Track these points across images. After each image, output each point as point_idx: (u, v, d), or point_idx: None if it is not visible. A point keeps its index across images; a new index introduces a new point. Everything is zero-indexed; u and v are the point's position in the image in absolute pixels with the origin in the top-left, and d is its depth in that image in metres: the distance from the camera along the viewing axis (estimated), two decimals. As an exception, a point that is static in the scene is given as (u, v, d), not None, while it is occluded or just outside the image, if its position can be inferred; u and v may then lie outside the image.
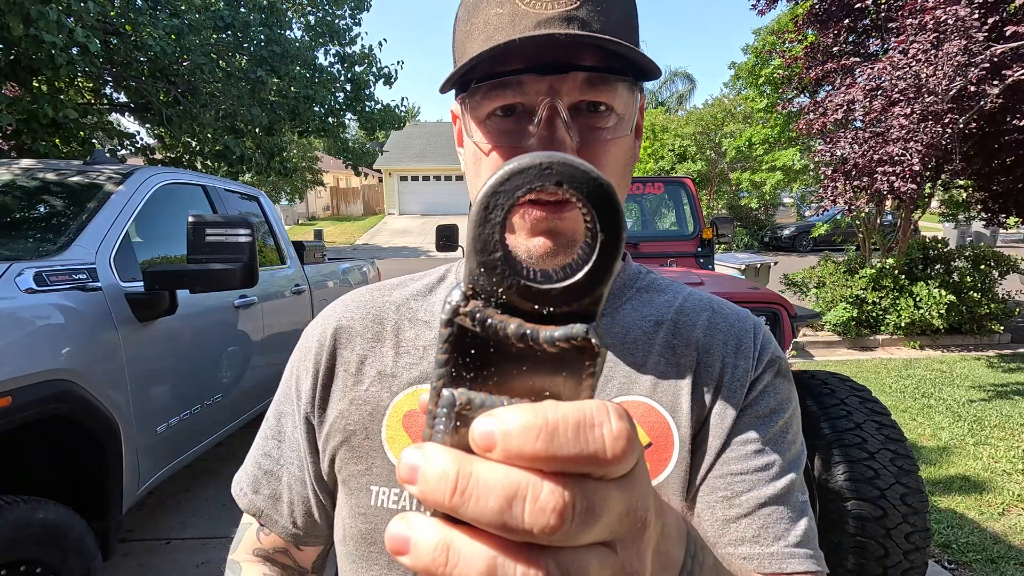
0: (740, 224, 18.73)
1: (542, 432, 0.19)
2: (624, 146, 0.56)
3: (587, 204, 0.21)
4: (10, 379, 1.56)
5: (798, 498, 0.56)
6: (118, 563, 2.49)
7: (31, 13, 4.21)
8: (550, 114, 0.51)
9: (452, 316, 0.21)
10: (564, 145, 0.51)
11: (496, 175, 0.21)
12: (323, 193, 30.55)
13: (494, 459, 0.19)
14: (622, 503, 0.21)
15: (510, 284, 0.21)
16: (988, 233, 16.05)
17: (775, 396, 0.59)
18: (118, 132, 6.57)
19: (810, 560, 0.53)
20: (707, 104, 19.27)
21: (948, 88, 4.47)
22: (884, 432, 1.98)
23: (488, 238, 0.21)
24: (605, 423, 0.20)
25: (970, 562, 2.56)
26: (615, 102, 0.53)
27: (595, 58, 0.51)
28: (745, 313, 0.64)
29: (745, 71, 11.75)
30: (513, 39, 0.48)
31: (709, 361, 0.59)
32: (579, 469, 0.19)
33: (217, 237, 2.17)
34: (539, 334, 0.21)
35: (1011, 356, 6.26)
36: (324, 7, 8.04)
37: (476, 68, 0.52)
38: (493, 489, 0.19)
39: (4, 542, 1.54)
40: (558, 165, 0.20)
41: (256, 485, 0.66)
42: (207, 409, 2.60)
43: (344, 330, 0.63)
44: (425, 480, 0.19)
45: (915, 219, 7.02)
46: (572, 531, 0.19)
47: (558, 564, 0.19)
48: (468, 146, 0.58)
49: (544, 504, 0.18)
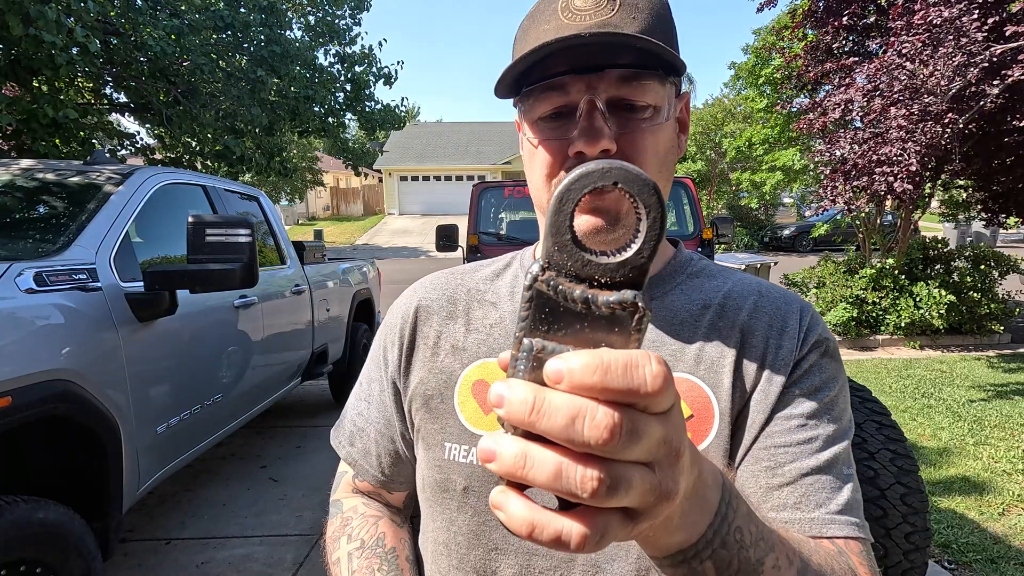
0: (740, 224, 18.74)
1: (598, 369, 0.24)
2: (662, 136, 0.62)
3: (636, 199, 0.27)
4: (10, 379, 1.56)
5: (843, 470, 0.58)
6: (118, 563, 2.49)
7: (31, 13, 4.21)
8: (589, 108, 0.58)
9: (532, 282, 0.27)
10: (602, 133, 0.58)
11: (569, 177, 0.27)
12: (323, 193, 30.55)
13: (562, 389, 0.25)
14: (660, 432, 0.26)
15: (578, 259, 0.27)
16: (988, 233, 16.06)
17: (820, 374, 0.62)
18: (118, 132, 6.58)
19: (852, 527, 0.55)
20: (707, 104, 19.27)
21: (947, 88, 4.47)
22: (884, 432, 1.98)
23: (561, 224, 0.27)
24: (647, 365, 0.25)
25: (970, 562, 2.56)
26: (647, 96, 0.60)
27: (628, 58, 0.59)
28: (793, 296, 0.68)
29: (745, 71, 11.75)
30: (545, 41, 0.56)
31: (753, 342, 0.63)
32: (626, 399, 0.25)
33: (217, 237, 2.17)
34: (598, 298, 0.27)
35: (1011, 356, 6.26)
36: (324, 7, 8.05)
37: (528, 75, 0.61)
38: (560, 410, 0.24)
39: (4, 542, 1.53)
40: (616, 170, 0.27)
41: (352, 439, 0.77)
42: (207, 409, 2.60)
43: (424, 308, 0.74)
44: (510, 404, 0.25)
45: (915, 219, 7.01)
46: (620, 446, 0.24)
47: (609, 472, 0.25)
48: (525, 144, 0.67)
49: (599, 422, 0.24)
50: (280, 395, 3.56)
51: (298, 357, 3.70)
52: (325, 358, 4.13)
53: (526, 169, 0.68)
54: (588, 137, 0.57)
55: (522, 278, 0.73)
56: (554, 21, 0.59)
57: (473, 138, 29.73)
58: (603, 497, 0.25)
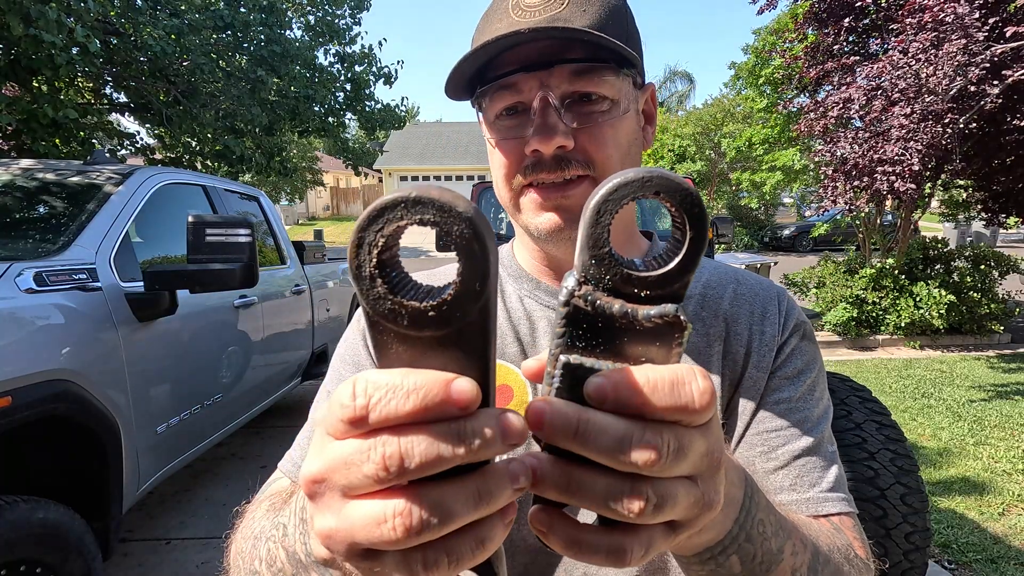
0: (740, 224, 18.72)
1: (644, 388, 0.24)
2: (623, 129, 0.61)
3: (679, 208, 0.25)
4: (10, 379, 1.56)
5: (828, 448, 0.61)
6: (118, 563, 2.49)
7: (31, 12, 4.21)
8: (542, 104, 0.57)
9: (569, 298, 0.26)
10: (556, 130, 0.56)
11: (606, 187, 0.25)
12: (323, 193, 30.53)
13: (606, 409, 0.25)
14: (703, 445, 0.26)
15: (615, 272, 0.26)
16: (988, 233, 16.04)
17: (802, 357, 0.64)
18: (118, 132, 6.57)
19: (843, 503, 0.59)
20: (707, 104, 19.27)
21: (948, 88, 4.47)
22: (884, 432, 1.98)
23: (599, 237, 0.26)
24: (693, 382, 0.25)
25: (970, 562, 2.56)
26: (603, 88, 0.58)
27: (578, 52, 0.57)
28: (768, 282, 0.69)
29: (745, 71, 11.73)
30: (488, 39, 0.54)
31: (737, 330, 0.64)
32: (672, 417, 0.25)
33: (217, 237, 2.17)
34: (638, 312, 0.26)
35: (1011, 356, 6.26)
36: (324, 7, 8.03)
37: (483, 74, 0.60)
38: (606, 432, 0.24)
39: (4, 542, 1.53)
40: (657, 178, 0.25)
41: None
42: (207, 409, 2.60)
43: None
44: (551, 424, 0.25)
45: (915, 219, 7.01)
46: (666, 465, 0.24)
47: (655, 491, 0.25)
48: (487, 143, 0.66)
49: (646, 444, 0.24)
50: (280, 395, 3.56)
51: (298, 357, 3.70)
52: (325, 358, 4.12)
53: (490, 167, 0.67)
54: (542, 134, 0.56)
55: (503, 276, 0.73)
56: (505, 20, 0.58)
57: (473, 138, 29.72)
58: (649, 516, 0.25)
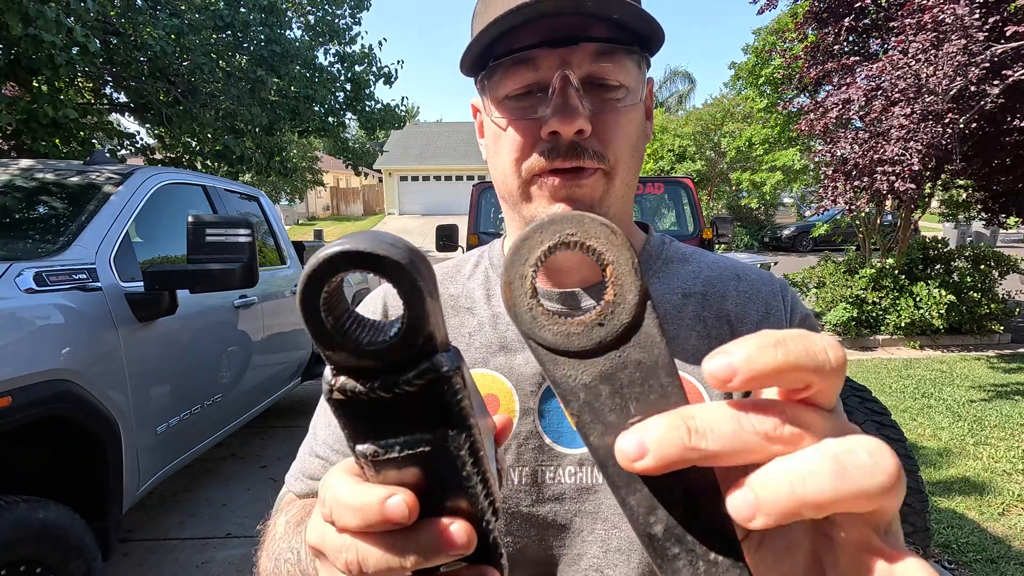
0: (740, 224, 18.72)
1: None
2: (635, 118, 0.59)
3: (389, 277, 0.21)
4: (10, 379, 1.56)
5: None
6: (118, 563, 2.49)
7: (30, 12, 4.21)
8: (563, 84, 0.53)
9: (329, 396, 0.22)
10: (578, 112, 0.53)
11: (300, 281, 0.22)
12: (323, 193, 30.53)
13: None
14: None
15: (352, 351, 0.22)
16: (988, 233, 16.04)
17: None
18: (118, 132, 6.57)
19: None
20: (707, 104, 19.27)
21: (948, 88, 4.47)
22: (884, 432, 1.98)
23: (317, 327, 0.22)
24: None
25: (970, 562, 2.56)
26: (621, 74, 0.56)
27: (602, 31, 0.54)
28: (768, 276, 0.67)
29: (745, 71, 11.73)
30: (512, 6, 0.50)
31: (744, 331, 0.61)
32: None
33: (217, 237, 2.17)
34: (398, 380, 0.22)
35: (1011, 356, 6.26)
36: (324, 7, 8.03)
37: (494, 48, 0.55)
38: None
39: (4, 542, 1.53)
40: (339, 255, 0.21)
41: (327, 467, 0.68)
42: (207, 409, 2.60)
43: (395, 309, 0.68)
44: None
45: (915, 219, 7.01)
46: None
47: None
48: (488, 127, 0.60)
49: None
50: (280, 395, 3.56)
51: (298, 357, 3.70)
52: (325, 358, 4.12)
53: (489, 156, 0.62)
54: (563, 115, 0.52)
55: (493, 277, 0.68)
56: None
57: (473, 138, 29.51)
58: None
